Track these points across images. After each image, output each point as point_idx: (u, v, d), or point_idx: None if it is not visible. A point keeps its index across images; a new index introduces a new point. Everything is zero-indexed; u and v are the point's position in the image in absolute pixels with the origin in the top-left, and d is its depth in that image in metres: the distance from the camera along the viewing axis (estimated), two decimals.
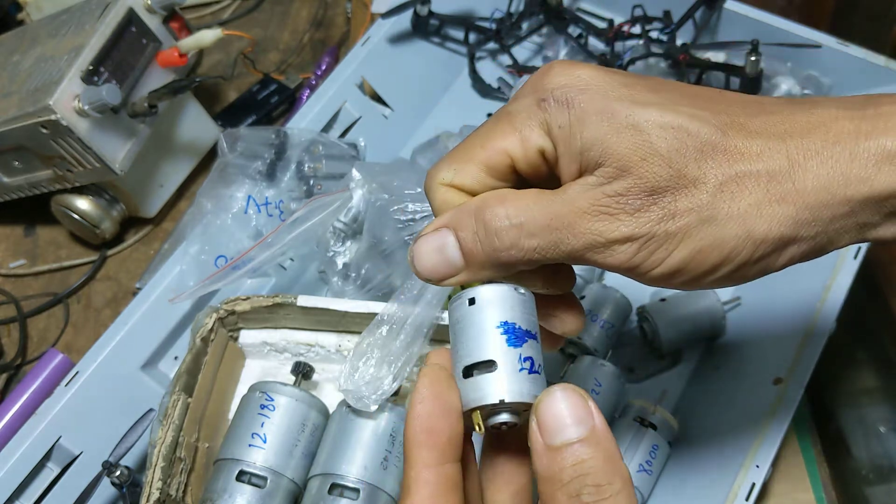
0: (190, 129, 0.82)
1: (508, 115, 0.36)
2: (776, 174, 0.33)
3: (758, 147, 0.33)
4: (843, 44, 0.75)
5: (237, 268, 0.63)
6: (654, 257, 0.34)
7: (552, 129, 0.35)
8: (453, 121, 0.79)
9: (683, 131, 0.33)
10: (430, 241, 0.36)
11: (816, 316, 0.64)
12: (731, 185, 0.33)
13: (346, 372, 0.54)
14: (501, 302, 0.35)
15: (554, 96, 0.35)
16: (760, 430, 0.58)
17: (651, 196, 0.33)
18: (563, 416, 0.31)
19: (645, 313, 0.68)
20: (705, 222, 0.33)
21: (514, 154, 0.36)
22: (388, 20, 0.81)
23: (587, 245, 0.34)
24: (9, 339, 0.78)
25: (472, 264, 0.35)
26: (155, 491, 0.53)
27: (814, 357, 0.61)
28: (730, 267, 0.34)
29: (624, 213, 0.33)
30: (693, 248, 0.33)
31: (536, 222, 0.34)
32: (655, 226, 0.33)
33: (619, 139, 0.33)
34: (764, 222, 0.33)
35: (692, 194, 0.33)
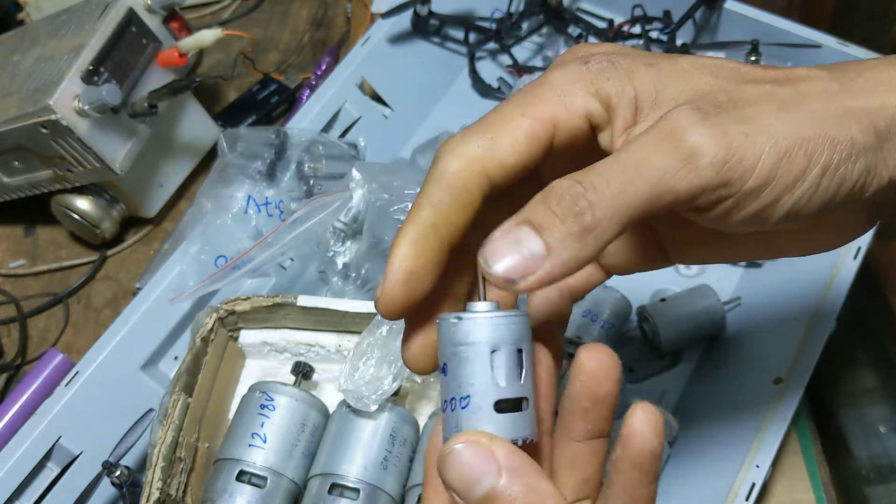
0: (190, 129, 0.82)
1: (547, 82, 0.34)
2: (830, 90, 0.33)
3: (804, 72, 0.33)
4: (843, 44, 0.75)
5: (237, 268, 0.63)
6: (746, 163, 0.30)
7: (600, 86, 0.33)
8: (453, 121, 0.79)
9: (727, 69, 0.33)
10: (500, 239, 0.31)
11: (816, 316, 0.64)
12: (794, 96, 0.32)
13: (346, 372, 0.54)
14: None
15: (596, 59, 0.34)
16: (760, 430, 0.58)
17: (716, 106, 0.31)
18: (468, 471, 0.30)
19: (645, 313, 0.68)
20: (782, 121, 0.31)
21: (559, 121, 0.33)
22: (388, 20, 0.81)
23: (664, 170, 0.30)
24: (9, 339, 0.78)
25: (555, 245, 0.30)
26: (155, 491, 0.53)
27: (814, 357, 0.61)
28: (816, 172, 0.31)
29: (695, 124, 0.30)
30: (781, 147, 0.31)
31: (607, 173, 0.31)
32: (731, 126, 0.31)
33: (668, 81, 0.33)
34: (835, 123, 0.32)
35: (759, 103, 0.32)
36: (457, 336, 0.32)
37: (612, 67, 0.34)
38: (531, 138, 0.33)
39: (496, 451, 0.30)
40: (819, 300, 0.64)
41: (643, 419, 0.32)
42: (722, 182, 0.31)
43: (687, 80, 0.33)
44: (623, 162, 0.31)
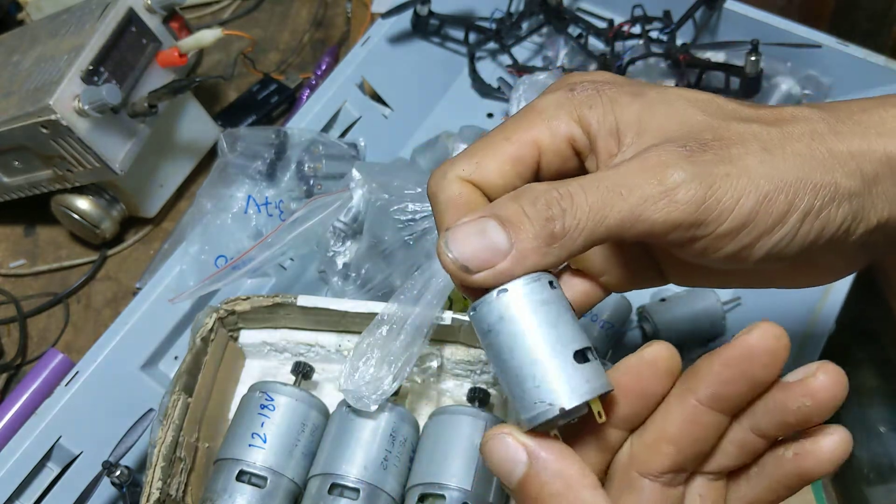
0: (190, 129, 0.82)
1: (535, 108, 0.35)
2: (818, 132, 0.33)
3: (791, 112, 0.33)
4: (843, 44, 0.75)
5: (237, 268, 0.63)
6: (724, 205, 0.31)
7: (584, 114, 0.34)
8: (453, 121, 0.79)
9: (715, 104, 0.33)
10: (467, 226, 0.31)
11: (816, 316, 0.64)
12: (779, 137, 0.32)
13: (346, 372, 0.54)
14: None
15: (583, 86, 0.34)
16: None
17: (701, 145, 0.31)
18: (502, 459, 0.31)
19: (645, 313, 0.68)
20: (765, 164, 0.31)
21: (542, 144, 0.34)
22: (388, 20, 0.81)
23: (645, 197, 0.30)
24: (9, 339, 0.78)
25: (519, 244, 0.31)
26: (155, 491, 0.53)
27: (814, 357, 0.61)
28: (796, 217, 0.32)
29: (678, 158, 0.31)
30: (761, 192, 0.31)
31: (587, 187, 0.31)
32: (714, 167, 0.31)
33: (653, 113, 0.33)
34: (819, 167, 0.32)
35: (743, 143, 0.32)
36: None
37: (596, 95, 0.34)
38: (516, 161, 0.34)
39: (526, 442, 0.31)
40: (819, 300, 0.64)
41: (837, 442, 0.33)
42: (698, 221, 0.31)
43: (673, 112, 0.33)
44: (606, 180, 0.31)
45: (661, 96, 0.34)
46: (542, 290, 0.31)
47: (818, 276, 0.38)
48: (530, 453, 0.31)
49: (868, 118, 0.33)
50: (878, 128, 0.33)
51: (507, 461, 0.31)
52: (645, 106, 0.33)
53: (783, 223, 0.32)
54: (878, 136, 0.33)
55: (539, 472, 0.31)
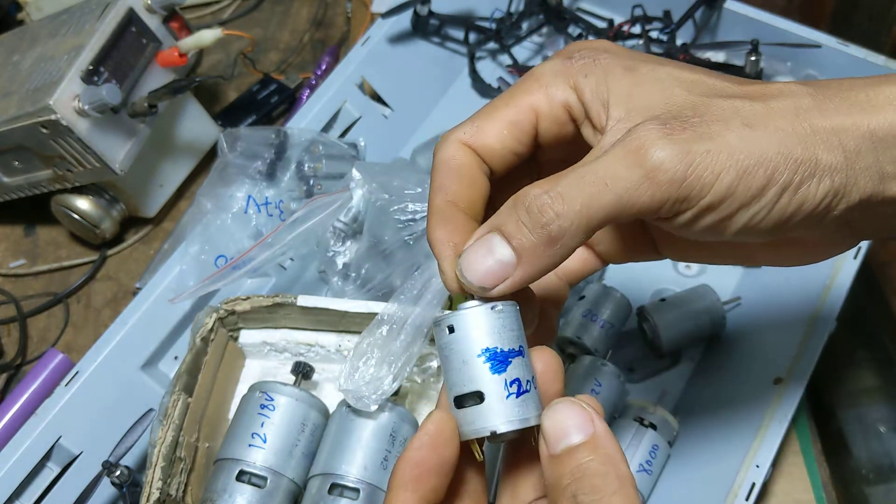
0: (190, 129, 0.82)
1: (534, 75, 0.37)
2: (803, 107, 0.33)
3: (779, 88, 0.34)
4: (843, 44, 0.75)
5: (237, 268, 0.63)
6: (703, 180, 0.32)
7: (579, 82, 0.35)
8: (453, 121, 0.78)
9: (703, 83, 0.34)
10: (476, 248, 0.34)
11: (816, 316, 0.64)
12: (762, 113, 0.33)
13: (346, 372, 0.54)
14: (480, 326, 0.34)
15: (580, 54, 0.36)
16: (760, 430, 0.58)
17: (681, 122, 0.33)
18: (564, 425, 0.32)
19: (645, 313, 0.68)
20: (745, 140, 0.32)
21: (540, 110, 0.36)
22: (388, 20, 0.81)
23: (630, 184, 0.32)
24: (9, 339, 0.78)
25: (524, 254, 0.33)
26: (155, 491, 0.53)
27: (814, 357, 0.61)
28: (774, 191, 0.33)
29: (659, 139, 0.32)
30: (740, 166, 0.32)
31: (572, 185, 0.32)
32: (694, 144, 0.32)
33: (641, 88, 0.34)
34: (799, 142, 0.33)
35: (725, 120, 0.33)
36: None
37: (592, 64, 0.36)
38: (513, 125, 0.36)
39: (594, 417, 0.33)
40: (819, 300, 0.64)
41: None
42: (681, 197, 0.32)
43: (660, 90, 0.34)
44: (591, 173, 0.32)
45: (652, 73, 0.35)
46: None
47: (803, 254, 0.39)
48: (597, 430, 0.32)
49: (855, 95, 0.34)
50: (864, 105, 0.33)
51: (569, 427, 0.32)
52: (636, 81, 0.35)
53: (761, 196, 0.33)
54: (863, 112, 0.33)
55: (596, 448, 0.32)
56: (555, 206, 0.32)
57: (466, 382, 0.34)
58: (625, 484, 0.31)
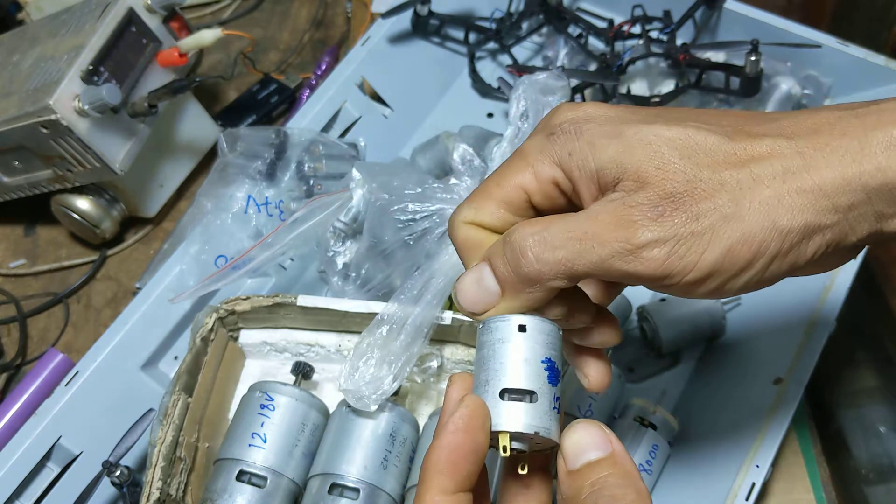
0: (190, 129, 0.82)
1: (520, 153, 0.38)
2: (790, 169, 0.34)
3: (767, 147, 0.34)
4: (843, 44, 0.75)
5: (237, 268, 0.63)
6: (686, 261, 0.34)
7: (563, 159, 0.36)
8: (453, 121, 0.79)
9: (691, 140, 0.35)
10: (469, 276, 0.37)
11: (816, 316, 0.64)
12: (748, 184, 0.34)
13: (346, 372, 0.54)
14: (547, 336, 0.36)
15: (562, 128, 0.37)
16: (760, 430, 0.58)
17: (672, 202, 0.34)
18: (584, 443, 0.34)
19: (645, 313, 0.68)
20: (730, 219, 0.33)
21: (528, 188, 0.37)
22: (388, 20, 0.81)
23: (613, 252, 0.34)
24: (9, 338, 0.78)
25: (506, 288, 0.36)
26: (155, 491, 0.53)
27: (814, 357, 0.61)
28: (762, 262, 0.34)
29: (647, 220, 0.34)
30: (723, 245, 0.33)
31: (560, 235, 0.34)
32: (681, 228, 0.33)
33: (631, 154, 0.35)
34: (786, 212, 0.33)
35: (712, 196, 0.34)
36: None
37: (574, 139, 0.36)
38: (507, 204, 0.38)
39: (612, 438, 0.35)
40: (819, 300, 0.64)
41: None
42: (663, 275, 0.34)
43: (651, 155, 0.34)
44: (581, 230, 0.34)
45: (638, 136, 0.35)
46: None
47: (806, 273, 0.39)
48: (616, 449, 0.34)
49: (847, 143, 0.33)
50: (856, 154, 0.33)
51: (589, 443, 0.34)
52: (624, 148, 0.35)
53: (749, 268, 0.34)
54: (855, 162, 0.33)
55: (614, 464, 0.34)
56: (535, 249, 0.35)
57: (524, 379, 0.35)
58: (643, 498, 0.33)
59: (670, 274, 0.34)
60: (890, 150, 0.33)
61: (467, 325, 0.58)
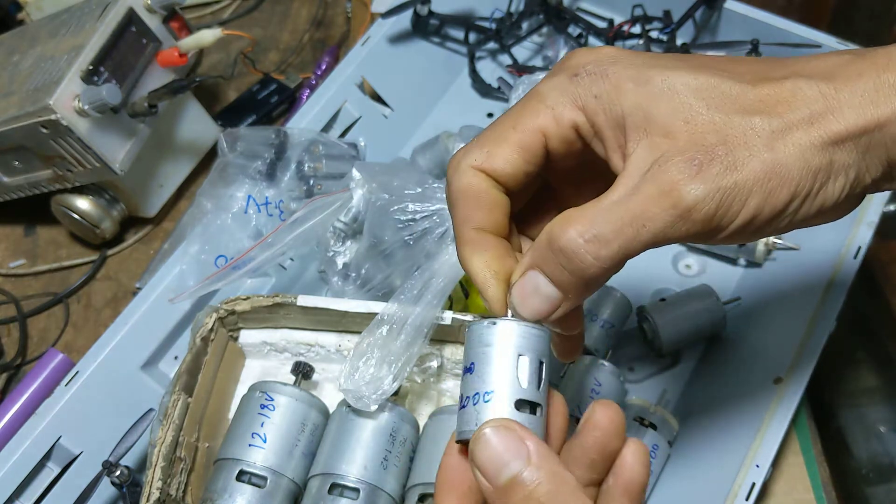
0: (190, 128, 0.82)
1: (539, 94, 0.37)
2: (816, 114, 0.34)
3: (790, 91, 0.34)
4: (842, 43, 0.75)
5: (237, 268, 0.63)
6: (732, 210, 0.34)
7: (587, 102, 0.35)
8: (453, 121, 0.79)
9: (717, 90, 0.34)
10: (524, 287, 0.36)
11: (816, 316, 0.63)
12: (780, 128, 0.34)
13: (346, 372, 0.54)
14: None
15: (586, 70, 0.36)
16: (760, 430, 0.58)
17: (707, 153, 0.33)
18: (499, 454, 0.33)
19: (645, 313, 0.68)
20: (767, 164, 0.33)
21: (548, 132, 0.36)
22: (388, 20, 0.81)
23: (665, 224, 0.33)
24: (9, 339, 0.78)
25: (569, 291, 0.36)
26: (155, 491, 0.53)
27: (814, 357, 0.61)
28: (797, 203, 0.34)
29: (687, 178, 0.33)
30: (764, 191, 0.34)
31: (609, 227, 0.34)
32: (722, 179, 0.33)
33: (658, 104, 0.34)
34: (816, 153, 0.34)
35: (746, 143, 0.34)
36: (488, 338, 0.36)
37: (599, 80, 0.35)
38: (523, 149, 0.36)
39: (526, 439, 0.33)
40: (819, 300, 0.64)
41: (636, 453, 0.36)
42: (713, 227, 0.34)
43: (679, 107, 0.34)
44: (628, 213, 0.34)
45: (666, 83, 0.35)
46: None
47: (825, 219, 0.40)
48: (531, 450, 0.33)
49: (864, 85, 0.34)
50: (873, 96, 0.34)
51: (504, 454, 0.33)
52: (650, 97, 0.34)
53: (786, 210, 0.34)
54: (873, 105, 0.34)
55: (539, 469, 0.32)
56: (591, 250, 0.34)
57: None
58: (574, 492, 0.32)
59: (719, 226, 0.34)
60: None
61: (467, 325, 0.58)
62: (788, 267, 0.70)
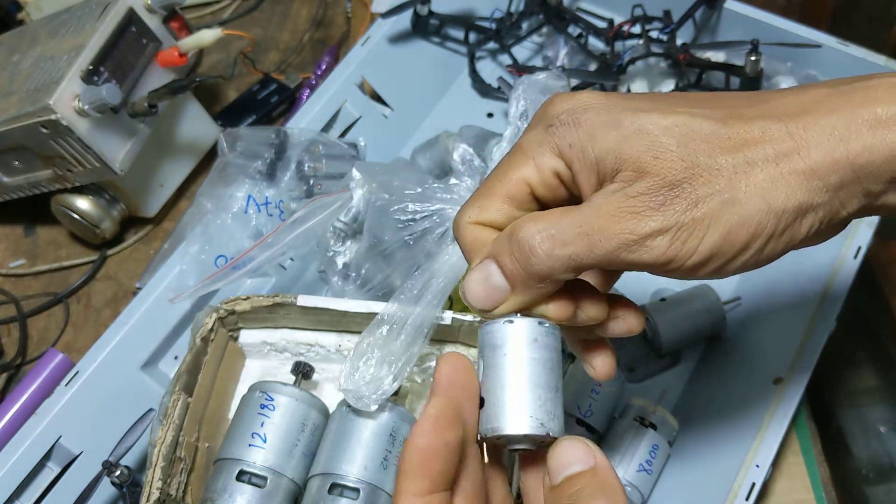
0: (190, 128, 0.82)
1: (520, 147, 0.39)
2: (782, 152, 0.34)
3: (759, 130, 0.35)
4: (843, 44, 0.75)
5: (237, 268, 0.63)
6: (688, 246, 0.35)
7: (563, 150, 0.37)
8: (453, 121, 0.79)
9: (687, 128, 0.35)
10: (475, 274, 0.37)
11: (816, 316, 0.64)
12: (743, 168, 0.34)
13: (346, 372, 0.54)
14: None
15: (560, 120, 0.37)
16: (760, 430, 0.58)
17: (672, 190, 0.34)
18: (566, 458, 0.35)
19: (645, 313, 0.68)
20: (728, 203, 0.34)
21: (531, 181, 0.38)
22: (388, 20, 0.81)
23: (620, 244, 0.35)
24: (9, 338, 0.78)
25: (516, 285, 0.37)
26: (155, 491, 0.53)
27: (814, 357, 0.61)
28: (759, 242, 0.35)
29: (649, 210, 0.34)
30: (722, 230, 0.34)
31: (567, 231, 0.35)
32: (682, 215, 0.34)
33: (629, 144, 0.35)
34: (781, 194, 0.34)
35: (710, 181, 0.34)
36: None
37: (573, 130, 0.37)
38: (510, 198, 0.38)
39: (597, 453, 0.35)
40: (819, 300, 0.64)
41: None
42: (668, 260, 0.35)
43: (648, 144, 0.35)
44: (587, 224, 0.35)
45: (636, 125, 0.36)
46: (541, 332, 0.37)
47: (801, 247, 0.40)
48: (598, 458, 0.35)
49: (835, 121, 0.34)
50: (843, 133, 0.34)
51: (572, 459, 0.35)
52: (621, 140, 0.36)
53: (747, 249, 0.35)
54: (843, 142, 0.34)
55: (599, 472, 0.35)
56: (544, 246, 0.35)
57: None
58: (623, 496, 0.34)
59: (673, 259, 0.35)
60: (875, 129, 0.34)
61: (467, 325, 0.58)
62: (788, 267, 0.70)
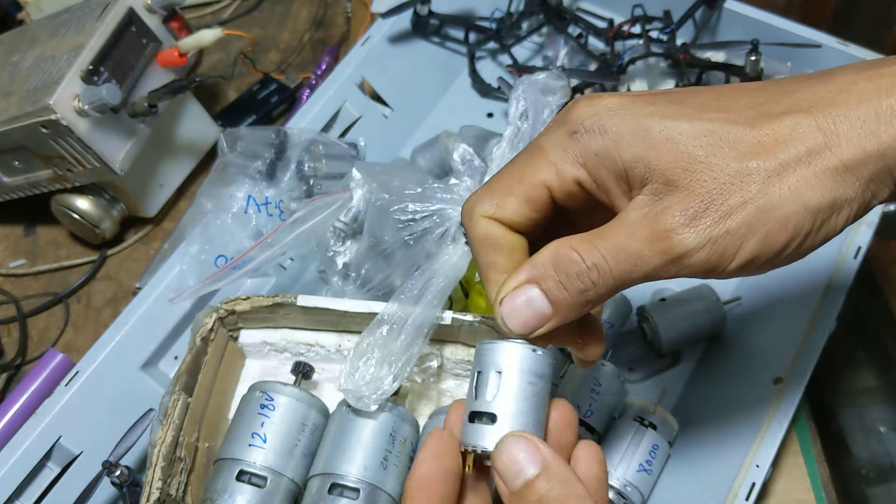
0: (190, 128, 0.82)
1: (541, 149, 0.38)
2: (814, 150, 0.34)
3: (788, 128, 0.35)
4: (843, 44, 0.75)
5: (237, 268, 0.63)
6: (726, 255, 0.35)
7: (588, 159, 0.37)
8: (453, 121, 0.79)
9: (716, 136, 0.35)
10: (517, 298, 0.38)
11: (816, 315, 0.63)
12: (776, 171, 0.34)
13: (346, 372, 0.54)
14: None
15: (585, 126, 0.37)
16: (760, 430, 0.58)
17: (703, 202, 0.34)
18: (517, 460, 0.35)
19: (645, 313, 0.68)
20: (763, 210, 0.34)
21: (552, 186, 0.38)
22: (388, 20, 0.81)
23: (659, 265, 0.35)
24: (9, 338, 0.78)
25: (560, 310, 0.37)
26: (155, 491, 0.53)
27: (814, 357, 0.61)
28: (797, 241, 0.35)
29: (682, 227, 0.34)
30: (760, 235, 0.34)
31: (609, 259, 0.36)
32: (714, 229, 0.34)
33: (658, 154, 0.35)
34: (816, 193, 0.34)
35: (742, 188, 0.34)
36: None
37: (599, 137, 0.36)
38: (529, 201, 0.38)
39: (540, 445, 0.36)
40: (819, 300, 0.64)
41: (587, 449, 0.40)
42: (706, 270, 0.36)
43: (677, 154, 0.35)
44: (623, 251, 0.36)
45: (664, 133, 0.35)
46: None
47: None
48: (546, 458, 0.36)
49: (864, 113, 0.34)
50: (873, 125, 0.34)
51: (521, 461, 0.35)
52: (649, 148, 0.35)
53: (786, 248, 0.35)
54: (874, 136, 0.34)
55: (551, 476, 0.35)
56: (591, 275, 0.36)
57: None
58: (583, 497, 0.35)
59: (714, 269, 0.35)
60: None
61: (467, 325, 0.58)
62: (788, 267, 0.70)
